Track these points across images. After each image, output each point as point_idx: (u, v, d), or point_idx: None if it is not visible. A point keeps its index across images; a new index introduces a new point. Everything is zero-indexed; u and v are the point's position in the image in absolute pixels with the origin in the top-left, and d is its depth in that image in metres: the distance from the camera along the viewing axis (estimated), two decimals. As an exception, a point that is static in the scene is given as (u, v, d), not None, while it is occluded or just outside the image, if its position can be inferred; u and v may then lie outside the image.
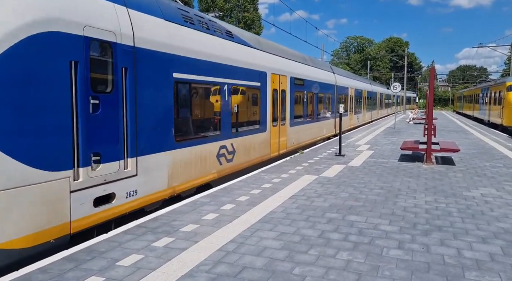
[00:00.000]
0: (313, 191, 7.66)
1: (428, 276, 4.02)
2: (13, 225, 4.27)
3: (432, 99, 11.66)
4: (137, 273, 4.00)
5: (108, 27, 5.42)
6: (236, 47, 9.60)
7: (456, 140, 17.32)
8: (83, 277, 3.91)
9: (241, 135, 9.65)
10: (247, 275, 3.98)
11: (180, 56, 7.08)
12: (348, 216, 6.03)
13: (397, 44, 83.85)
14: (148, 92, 6.26)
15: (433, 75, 11.55)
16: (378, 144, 16.04)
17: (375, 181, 8.68)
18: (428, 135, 11.17)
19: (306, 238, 5.08)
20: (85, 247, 4.65)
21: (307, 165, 10.67)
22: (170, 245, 4.75)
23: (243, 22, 51.56)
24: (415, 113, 32.99)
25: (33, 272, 3.97)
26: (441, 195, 7.44)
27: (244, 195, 7.20)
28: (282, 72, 12.36)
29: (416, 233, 5.33)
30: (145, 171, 6.18)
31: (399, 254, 4.57)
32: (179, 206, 6.49)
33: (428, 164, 10.92)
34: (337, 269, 4.15)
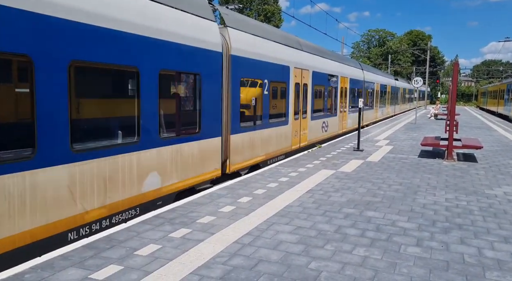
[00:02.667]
0: (330, 185, 7.61)
1: (447, 274, 3.95)
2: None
3: (455, 95, 11.38)
4: (155, 262, 4.07)
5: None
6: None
7: (479, 136, 16.90)
8: (102, 265, 4.00)
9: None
10: (262, 268, 3.99)
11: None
12: (365, 212, 5.97)
13: (419, 37, 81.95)
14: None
15: (457, 70, 11.25)
16: (398, 139, 15.78)
17: (393, 177, 8.56)
18: (450, 131, 10.92)
19: (322, 233, 5.05)
20: (105, 236, 4.75)
21: (325, 159, 10.60)
22: (187, 236, 4.81)
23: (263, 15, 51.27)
24: (437, 109, 32.26)
25: (55, 259, 4.09)
26: (462, 193, 7.29)
27: (260, 188, 7.21)
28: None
29: (435, 230, 5.24)
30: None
31: (417, 252, 4.50)
32: (196, 197, 6.55)
33: (449, 161, 10.69)
34: (353, 265, 4.12)
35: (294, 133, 11.96)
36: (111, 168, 5.21)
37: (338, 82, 16.16)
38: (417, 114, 28.82)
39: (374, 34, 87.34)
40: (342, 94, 16.96)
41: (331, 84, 15.54)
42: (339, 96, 16.73)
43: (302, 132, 12.78)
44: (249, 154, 9.25)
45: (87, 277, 3.72)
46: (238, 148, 8.75)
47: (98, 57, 5.01)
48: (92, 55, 4.93)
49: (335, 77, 15.83)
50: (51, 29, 4.37)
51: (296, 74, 11.76)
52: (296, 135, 12.20)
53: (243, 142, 8.97)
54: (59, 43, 4.47)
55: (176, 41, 6.43)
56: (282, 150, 11.28)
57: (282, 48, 10.93)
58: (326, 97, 15.45)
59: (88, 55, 4.88)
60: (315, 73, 13.46)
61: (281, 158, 11.15)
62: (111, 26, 5.13)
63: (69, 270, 3.86)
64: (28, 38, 4.16)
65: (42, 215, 4.38)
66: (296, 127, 12.17)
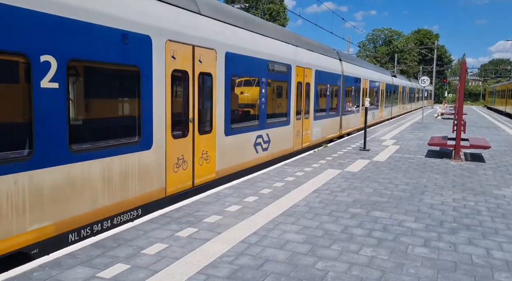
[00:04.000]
0: (336, 185, 7.59)
1: (455, 275, 3.92)
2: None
3: (462, 94, 11.29)
4: (162, 261, 4.08)
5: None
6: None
7: (487, 136, 16.76)
8: (110, 263, 4.02)
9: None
10: (269, 268, 3.99)
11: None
12: (372, 212, 5.95)
13: (427, 36, 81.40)
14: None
15: (464, 69, 11.16)
16: (404, 139, 15.70)
17: (400, 177, 8.51)
18: (457, 131, 10.84)
19: (329, 232, 5.04)
20: (112, 234, 4.77)
21: (331, 159, 10.57)
22: (194, 236, 4.82)
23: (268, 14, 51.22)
24: (444, 108, 32.02)
25: (63, 257, 4.12)
26: (469, 193, 7.23)
27: (267, 188, 7.20)
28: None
29: (443, 231, 5.20)
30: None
31: (424, 252, 4.47)
32: (202, 197, 6.56)
33: (456, 161, 10.61)
34: (360, 265, 4.11)
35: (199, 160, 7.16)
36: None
37: (291, 75, 10.88)
38: (424, 114, 28.57)
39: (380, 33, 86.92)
40: (298, 93, 11.51)
41: (277, 76, 10.16)
42: (294, 96, 11.20)
43: (202, 161, 7.27)
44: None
45: (94, 276, 3.74)
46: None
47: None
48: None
49: (283, 66, 10.41)
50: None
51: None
52: (201, 163, 7.28)
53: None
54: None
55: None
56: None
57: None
58: (263, 98, 9.48)
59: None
60: (228, 54, 7.92)
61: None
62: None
63: (77, 268, 3.89)
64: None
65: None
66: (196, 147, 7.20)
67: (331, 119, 15.20)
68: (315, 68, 12.84)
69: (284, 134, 10.76)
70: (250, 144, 9.04)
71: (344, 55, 17.73)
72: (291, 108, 11.19)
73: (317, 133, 13.44)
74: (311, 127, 12.86)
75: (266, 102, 9.67)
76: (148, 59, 5.80)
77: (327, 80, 14.15)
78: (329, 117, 14.87)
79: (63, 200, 4.66)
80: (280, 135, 10.50)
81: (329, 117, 14.85)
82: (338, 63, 15.73)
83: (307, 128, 12.53)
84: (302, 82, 11.79)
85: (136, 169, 5.69)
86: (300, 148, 11.84)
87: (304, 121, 12.22)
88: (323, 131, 14.15)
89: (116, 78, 5.72)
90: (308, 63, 12.22)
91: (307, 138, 12.55)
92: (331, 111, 15.07)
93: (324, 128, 14.23)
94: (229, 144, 8.12)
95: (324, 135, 14.25)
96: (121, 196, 5.45)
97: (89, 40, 4.88)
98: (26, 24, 4.16)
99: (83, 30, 4.80)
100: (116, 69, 5.46)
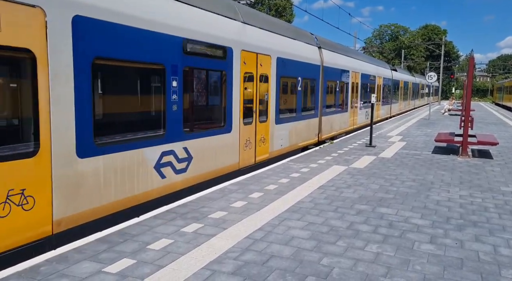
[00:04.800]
0: (342, 181, 7.56)
1: (462, 272, 3.90)
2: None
3: (470, 90, 11.17)
4: (167, 257, 4.10)
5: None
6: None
7: (495, 132, 16.59)
8: (116, 258, 4.04)
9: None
10: (274, 264, 3.99)
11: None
12: (378, 208, 5.92)
13: (434, 32, 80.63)
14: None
15: (472, 64, 11.04)
16: (411, 135, 15.60)
17: (407, 173, 8.46)
18: (465, 127, 10.74)
19: (334, 229, 5.03)
20: (118, 230, 4.80)
21: (337, 155, 10.53)
22: (199, 231, 4.83)
23: (274, 9, 51.01)
24: (451, 104, 31.76)
25: (69, 252, 4.15)
26: (477, 190, 7.17)
27: (272, 184, 7.20)
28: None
29: (449, 227, 5.16)
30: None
31: (431, 249, 4.44)
32: (207, 192, 6.57)
33: (463, 157, 10.52)
34: (366, 261, 4.09)
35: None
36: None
37: (232, 63, 7.87)
38: (431, 110, 28.35)
39: (386, 29, 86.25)
40: (248, 88, 8.57)
41: (203, 63, 7.13)
42: (238, 92, 8.15)
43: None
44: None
45: (100, 271, 3.77)
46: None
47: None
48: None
49: (216, 49, 7.37)
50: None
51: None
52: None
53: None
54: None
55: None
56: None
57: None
58: (174, 95, 6.54)
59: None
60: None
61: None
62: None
63: (83, 263, 3.91)
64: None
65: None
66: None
67: (305, 122, 11.83)
68: (277, 56, 9.62)
69: (224, 145, 7.76)
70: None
71: (325, 42, 13.99)
72: (233, 108, 7.96)
73: (282, 141, 10.29)
74: (271, 133, 9.63)
75: (182, 101, 6.45)
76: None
77: (298, 71, 11.04)
78: (302, 119, 11.58)
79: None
80: (212, 149, 7.40)
81: (302, 119, 11.57)
82: (315, 51, 12.41)
83: (264, 135, 9.31)
84: (254, 74, 8.64)
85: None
86: (252, 163, 8.83)
87: (258, 126, 9.02)
88: (293, 137, 10.93)
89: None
90: (265, 47, 9.04)
91: (263, 148, 9.32)
92: (305, 111, 11.77)
93: (294, 134, 10.98)
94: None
95: (294, 142, 11.02)
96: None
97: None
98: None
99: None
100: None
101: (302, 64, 11.36)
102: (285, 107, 10.55)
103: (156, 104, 6.18)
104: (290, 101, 10.88)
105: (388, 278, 3.73)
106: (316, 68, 12.52)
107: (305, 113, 11.81)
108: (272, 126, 9.73)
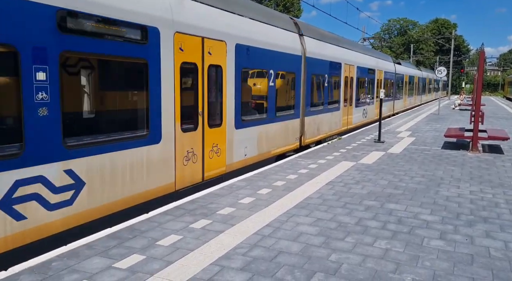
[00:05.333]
0: (350, 177, 7.53)
1: (472, 268, 3.87)
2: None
3: (480, 84, 11.03)
4: (176, 253, 4.13)
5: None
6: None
7: (506, 127, 16.37)
8: (126, 254, 4.08)
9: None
10: (283, 260, 4.00)
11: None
12: (387, 204, 5.89)
13: (444, 26, 79.61)
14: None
15: (483, 58, 10.90)
16: (420, 130, 15.46)
17: (416, 169, 8.40)
18: (475, 122, 10.62)
19: (343, 225, 5.02)
20: (128, 226, 4.84)
21: (345, 151, 10.48)
22: (208, 227, 4.85)
23: (282, 5, 50.75)
24: (462, 99, 31.35)
25: (80, 247, 4.20)
26: (487, 185, 7.09)
27: (280, 180, 7.20)
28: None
29: (459, 223, 5.12)
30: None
31: (440, 245, 4.41)
32: (215, 189, 6.60)
33: (474, 152, 10.41)
34: (374, 257, 4.08)
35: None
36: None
37: (159, 49, 5.92)
38: (440, 105, 28.08)
39: (395, 23, 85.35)
40: (188, 83, 6.82)
41: (109, 47, 5.11)
42: (170, 88, 6.15)
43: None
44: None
45: (111, 266, 3.81)
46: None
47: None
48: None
49: (131, 30, 5.43)
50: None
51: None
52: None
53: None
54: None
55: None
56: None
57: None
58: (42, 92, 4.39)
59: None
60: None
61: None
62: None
63: (93, 259, 3.96)
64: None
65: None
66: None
67: (281, 125, 9.79)
68: (236, 42, 7.71)
69: (148, 161, 5.76)
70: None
71: (309, 29, 11.97)
72: (163, 110, 5.94)
73: (247, 150, 8.37)
74: (229, 140, 7.64)
75: (59, 102, 4.47)
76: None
77: (269, 62, 9.05)
78: (276, 121, 9.54)
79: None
80: (125, 168, 5.40)
81: (276, 121, 9.53)
82: (295, 38, 10.42)
83: (217, 144, 7.32)
84: (199, 64, 6.72)
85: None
86: (199, 181, 6.84)
87: (207, 132, 6.98)
88: (263, 144, 8.93)
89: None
90: (216, 31, 7.13)
91: (217, 161, 7.31)
92: (281, 111, 9.89)
93: (264, 140, 8.98)
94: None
95: (265, 150, 9.04)
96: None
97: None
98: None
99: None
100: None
101: (275, 54, 9.29)
102: (251, 107, 8.86)
103: (5, 108, 4.51)
104: (258, 100, 9.18)
105: (397, 274, 3.72)
106: (296, 59, 10.39)
107: (281, 114, 9.83)
108: (231, 131, 7.68)
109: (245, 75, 8.22)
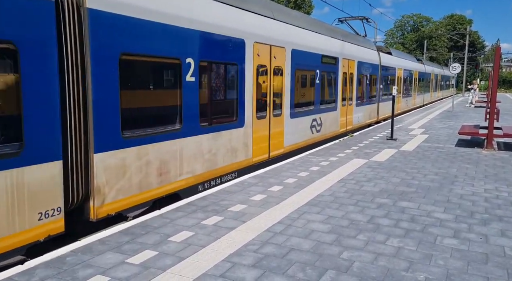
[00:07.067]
0: (362, 175, 7.48)
1: (486, 267, 3.81)
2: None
3: (496, 81, 10.83)
4: (188, 249, 4.16)
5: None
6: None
7: (522, 125, 16.06)
8: (138, 250, 4.13)
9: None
10: (294, 257, 3.99)
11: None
12: (399, 202, 5.84)
13: (459, 21, 78.29)
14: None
15: (498, 54, 10.68)
16: (433, 128, 15.27)
17: (429, 166, 8.30)
18: (490, 119, 10.44)
19: (354, 222, 4.99)
20: (140, 222, 4.89)
21: (357, 148, 10.41)
22: (219, 224, 4.88)
23: (293, 1, 50.50)
24: (475, 89, 30.61)
25: (94, 243, 4.26)
26: (502, 183, 6.97)
27: (291, 177, 7.18)
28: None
29: (474, 222, 5.05)
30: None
31: (454, 244, 4.36)
32: (227, 186, 6.62)
33: (488, 150, 10.24)
34: (387, 255, 4.05)
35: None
36: None
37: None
38: (454, 102, 27.62)
39: (409, 19, 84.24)
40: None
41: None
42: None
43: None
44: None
45: (124, 261, 3.86)
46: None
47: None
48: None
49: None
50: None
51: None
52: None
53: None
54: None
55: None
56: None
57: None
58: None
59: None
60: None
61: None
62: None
63: (107, 254, 4.01)
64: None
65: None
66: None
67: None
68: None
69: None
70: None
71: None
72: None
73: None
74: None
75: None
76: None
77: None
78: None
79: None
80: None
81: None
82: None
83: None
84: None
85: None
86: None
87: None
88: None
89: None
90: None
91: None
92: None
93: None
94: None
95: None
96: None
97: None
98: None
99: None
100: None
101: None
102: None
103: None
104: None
105: (410, 273, 3.68)
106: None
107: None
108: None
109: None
